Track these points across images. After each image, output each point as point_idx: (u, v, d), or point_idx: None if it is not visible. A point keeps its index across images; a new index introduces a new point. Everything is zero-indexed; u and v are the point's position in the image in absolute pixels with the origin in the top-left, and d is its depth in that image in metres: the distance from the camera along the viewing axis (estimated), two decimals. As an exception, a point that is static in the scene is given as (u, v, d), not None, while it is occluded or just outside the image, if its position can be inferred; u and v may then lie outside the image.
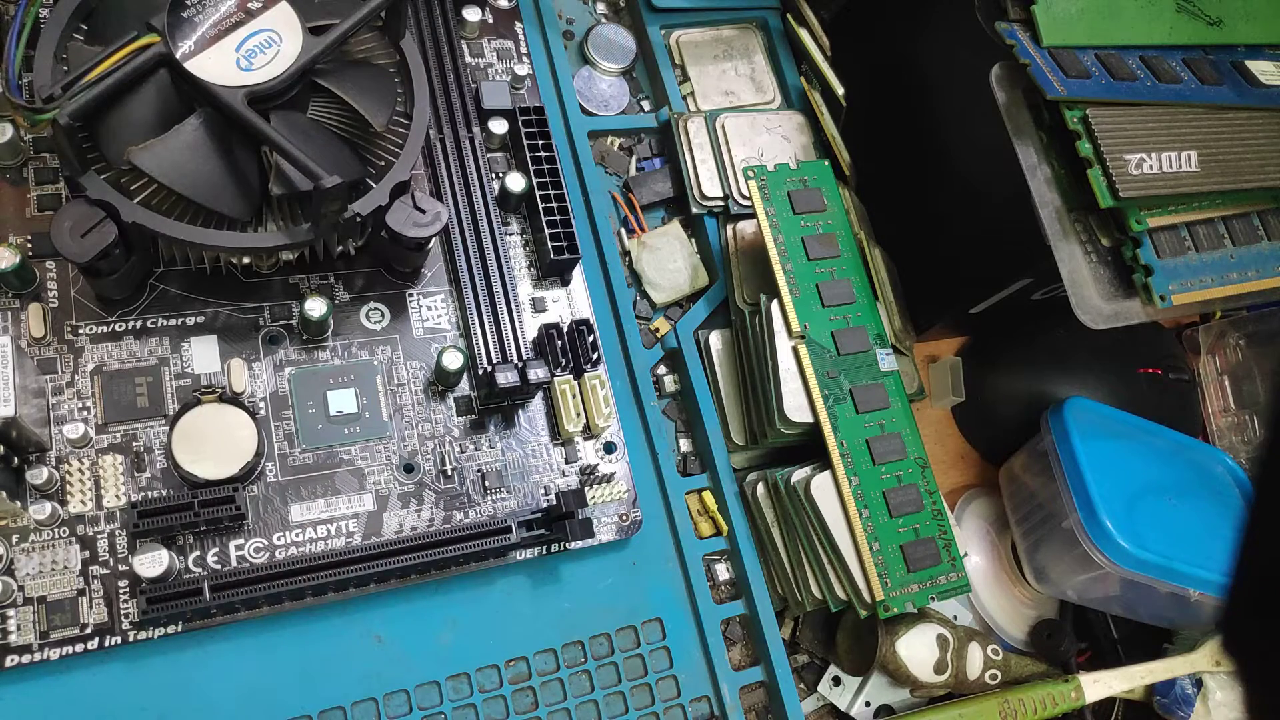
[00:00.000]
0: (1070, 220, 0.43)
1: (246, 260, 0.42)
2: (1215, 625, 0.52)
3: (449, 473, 0.43)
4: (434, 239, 0.42)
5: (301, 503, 0.40)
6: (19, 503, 0.36)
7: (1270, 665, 0.23)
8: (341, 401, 0.42)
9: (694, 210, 0.53)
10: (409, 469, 0.42)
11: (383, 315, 0.44)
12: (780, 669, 0.46)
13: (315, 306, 0.41)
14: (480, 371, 0.43)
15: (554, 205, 0.46)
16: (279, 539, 0.39)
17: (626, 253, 0.53)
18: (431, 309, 0.45)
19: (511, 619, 0.43)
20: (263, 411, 0.41)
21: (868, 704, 0.49)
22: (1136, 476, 0.52)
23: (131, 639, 0.37)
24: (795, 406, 0.46)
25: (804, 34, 0.57)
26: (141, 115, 0.36)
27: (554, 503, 0.43)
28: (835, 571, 0.46)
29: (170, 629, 0.37)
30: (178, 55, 0.36)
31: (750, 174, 0.49)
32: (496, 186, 0.47)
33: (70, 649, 0.36)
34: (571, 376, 0.45)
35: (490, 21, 0.51)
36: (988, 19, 0.45)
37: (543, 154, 0.47)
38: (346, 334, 0.43)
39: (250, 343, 0.42)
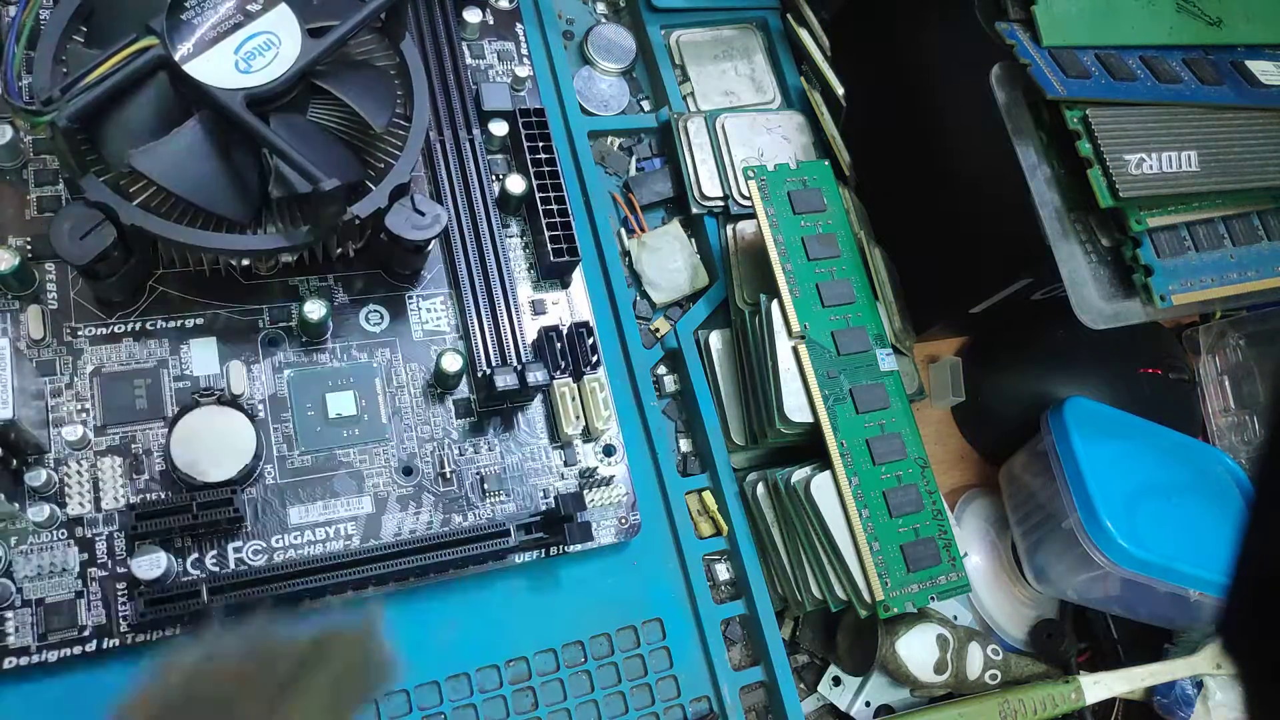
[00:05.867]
0: (1070, 220, 0.43)
1: (246, 262, 0.42)
2: (1215, 626, 0.52)
3: (448, 475, 0.43)
4: (433, 241, 0.42)
5: (300, 505, 0.40)
6: (17, 505, 0.36)
7: (1270, 666, 0.23)
8: (340, 404, 0.42)
9: (694, 210, 0.53)
10: (408, 471, 0.42)
11: (382, 317, 0.44)
12: (780, 669, 0.46)
13: (314, 308, 0.41)
14: (479, 374, 0.43)
15: (554, 207, 0.46)
16: (277, 541, 0.39)
17: (626, 253, 0.52)
18: (431, 311, 0.45)
19: (511, 619, 0.43)
20: (261, 414, 0.41)
21: (868, 704, 0.49)
22: (1136, 476, 0.52)
23: (129, 641, 0.37)
24: (795, 406, 0.46)
25: (804, 34, 0.57)
26: (141, 118, 0.36)
27: (553, 506, 0.43)
28: (835, 571, 0.46)
29: (168, 631, 0.37)
30: (176, 58, 0.36)
31: (750, 174, 0.49)
32: (496, 188, 0.47)
33: (68, 651, 0.36)
34: (571, 379, 0.45)
35: (491, 23, 0.51)
36: (988, 19, 0.45)
37: (543, 156, 0.47)
38: (346, 336, 0.43)
39: (249, 345, 0.42)
